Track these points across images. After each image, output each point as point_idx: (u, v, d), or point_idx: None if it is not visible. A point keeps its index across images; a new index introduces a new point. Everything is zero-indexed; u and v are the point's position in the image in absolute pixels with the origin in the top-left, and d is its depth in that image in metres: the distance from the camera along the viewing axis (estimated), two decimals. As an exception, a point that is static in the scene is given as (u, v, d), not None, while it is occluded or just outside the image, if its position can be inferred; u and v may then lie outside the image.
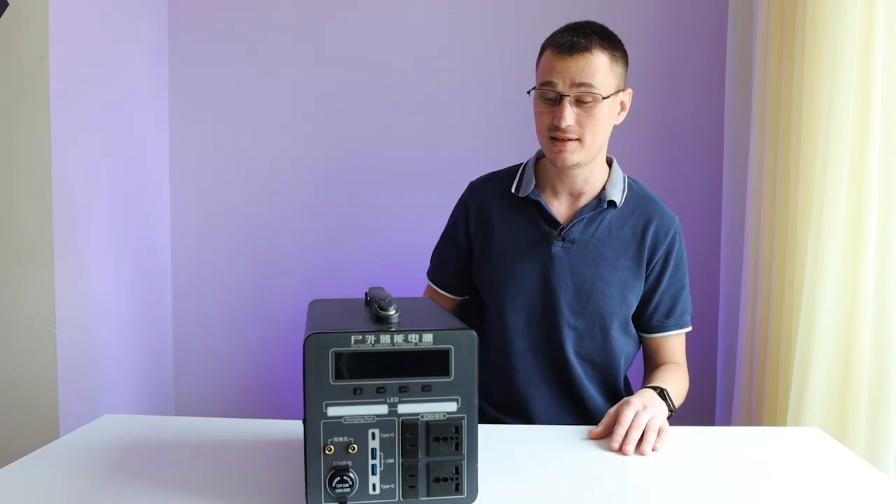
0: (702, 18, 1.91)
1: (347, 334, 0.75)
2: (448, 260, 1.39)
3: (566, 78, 1.15)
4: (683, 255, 1.30)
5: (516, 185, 1.31)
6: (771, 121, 1.53)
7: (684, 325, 1.31)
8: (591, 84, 1.15)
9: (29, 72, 1.45)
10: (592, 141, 1.19)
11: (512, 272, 1.27)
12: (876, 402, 1.31)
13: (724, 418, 1.79)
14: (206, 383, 2.08)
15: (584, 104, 1.16)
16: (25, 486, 0.86)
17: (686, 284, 1.31)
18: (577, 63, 1.15)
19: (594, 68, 1.15)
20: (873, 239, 1.31)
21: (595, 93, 1.15)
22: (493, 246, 1.30)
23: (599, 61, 1.16)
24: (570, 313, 1.25)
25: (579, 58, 1.15)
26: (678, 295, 1.29)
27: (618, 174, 1.30)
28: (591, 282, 1.24)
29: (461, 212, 1.37)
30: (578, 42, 1.15)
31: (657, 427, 1.02)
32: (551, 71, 1.17)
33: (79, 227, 1.61)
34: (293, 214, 2.03)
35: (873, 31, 1.29)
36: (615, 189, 1.27)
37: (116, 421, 1.12)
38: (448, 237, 1.40)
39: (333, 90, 1.99)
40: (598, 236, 1.25)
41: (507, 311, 1.27)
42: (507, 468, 0.91)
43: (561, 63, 1.16)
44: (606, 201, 1.25)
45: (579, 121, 1.17)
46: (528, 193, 1.28)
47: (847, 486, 0.89)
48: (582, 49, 1.15)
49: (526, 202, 1.28)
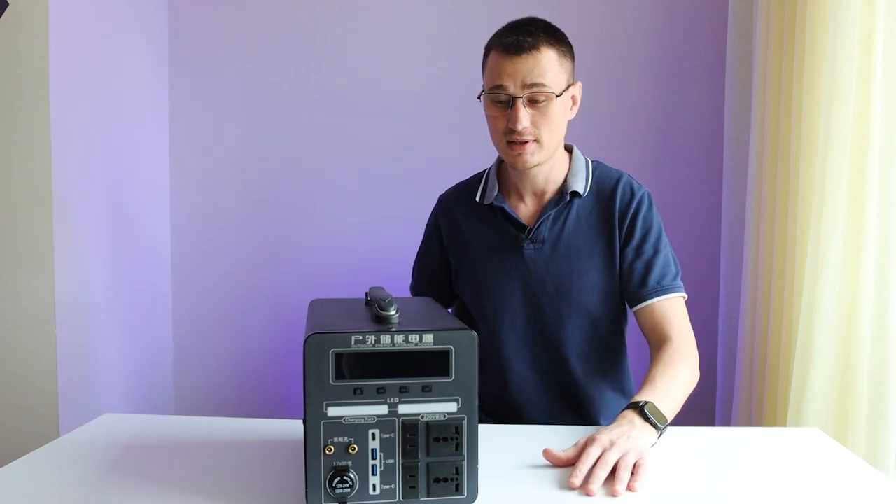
0: (702, 18, 1.91)
1: (348, 334, 0.75)
2: (427, 273, 1.39)
3: (517, 79, 1.12)
4: (653, 221, 1.22)
5: (480, 192, 1.29)
6: (771, 121, 1.53)
7: (664, 289, 1.19)
8: (542, 83, 1.11)
9: (29, 72, 1.45)
10: (550, 140, 1.16)
11: (489, 281, 1.25)
12: (876, 402, 1.31)
13: (724, 418, 1.79)
14: (206, 383, 2.08)
15: (537, 104, 1.13)
16: (25, 485, 0.86)
17: (661, 250, 1.21)
18: (526, 63, 1.11)
19: (544, 67, 1.11)
20: (873, 239, 1.31)
21: (548, 91, 1.12)
22: (468, 257, 1.29)
23: (548, 59, 1.12)
24: (553, 313, 1.23)
25: (528, 57, 1.11)
26: (651, 261, 1.20)
27: (579, 162, 1.26)
28: (570, 277, 1.22)
29: (433, 226, 1.37)
30: (525, 41, 1.11)
31: (630, 464, 0.87)
32: (500, 73, 1.13)
33: (79, 226, 1.60)
34: (293, 214, 2.03)
35: (873, 31, 1.29)
36: (577, 179, 1.24)
37: (116, 420, 1.12)
38: (424, 251, 1.40)
39: (334, 89, 1.99)
40: (568, 230, 1.22)
41: (491, 319, 1.26)
42: (508, 468, 0.91)
43: (510, 64, 1.12)
44: (569, 193, 1.22)
45: (534, 121, 1.13)
46: (492, 200, 1.26)
47: (847, 486, 0.88)
48: (529, 48, 1.11)
49: (491, 209, 1.27)
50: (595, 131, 1.82)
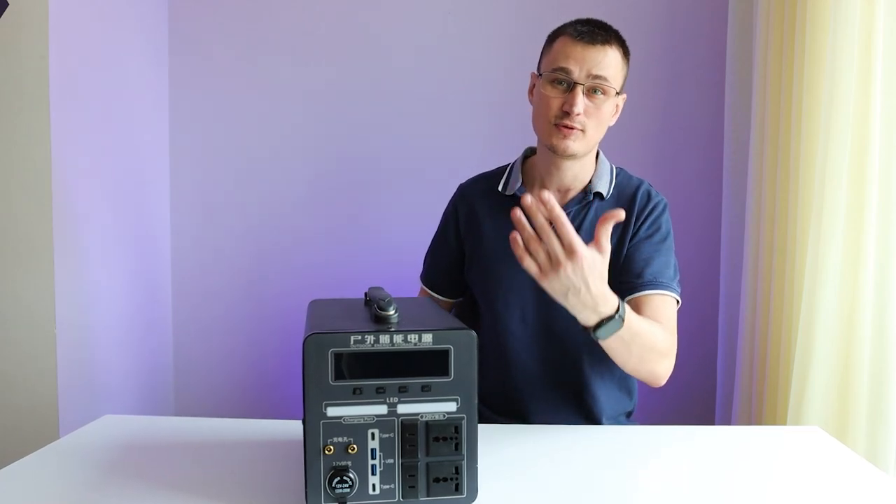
0: (702, 18, 1.91)
1: (347, 334, 0.75)
2: (440, 263, 1.38)
3: (583, 66, 1.14)
4: (662, 225, 1.22)
5: (503, 183, 1.30)
6: (771, 121, 1.53)
7: (659, 285, 1.17)
8: (605, 77, 1.15)
9: (29, 72, 1.45)
10: (594, 134, 1.18)
11: (502, 272, 1.25)
12: (876, 402, 1.31)
13: (724, 418, 1.78)
14: (206, 383, 2.08)
15: (594, 96, 1.16)
16: (25, 486, 0.86)
17: (665, 253, 1.21)
18: (596, 53, 1.14)
19: (610, 61, 1.15)
20: (873, 239, 1.31)
21: (608, 86, 1.15)
22: (483, 247, 1.29)
23: (615, 57, 1.16)
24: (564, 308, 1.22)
25: (600, 49, 1.15)
26: (652, 257, 1.19)
27: (604, 165, 1.28)
28: None
29: (451, 214, 1.37)
30: (599, 34, 1.15)
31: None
32: (568, 57, 1.15)
33: (79, 226, 1.61)
34: (293, 214, 2.03)
35: (873, 31, 1.29)
36: (601, 181, 1.25)
37: (116, 421, 1.12)
38: (439, 240, 1.40)
39: (334, 89, 1.99)
40: (585, 228, 1.23)
41: (501, 311, 1.26)
42: (507, 468, 0.91)
43: (580, 50, 1.15)
44: (592, 193, 1.24)
45: (587, 111, 1.15)
46: (515, 191, 1.27)
47: (847, 485, 0.88)
48: (602, 41, 1.15)
49: (513, 200, 1.27)
50: (595, 131, 1.82)
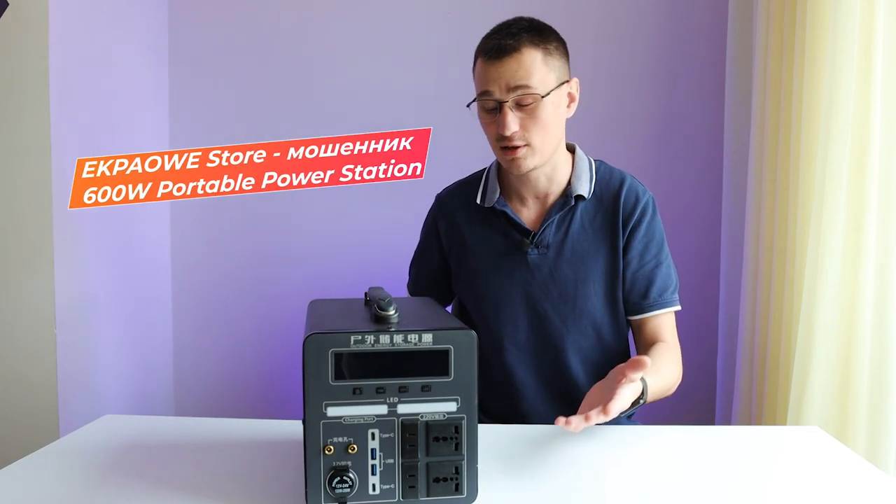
0: (702, 18, 1.91)
1: (347, 334, 0.75)
2: (425, 274, 1.38)
3: (501, 84, 1.10)
4: (656, 229, 1.23)
5: (481, 194, 1.27)
6: (771, 121, 1.53)
7: (665, 303, 1.21)
8: (527, 85, 1.09)
9: (29, 72, 1.45)
10: (542, 143, 1.14)
11: (492, 287, 1.23)
12: (876, 402, 1.31)
13: (724, 418, 1.78)
14: (206, 383, 2.08)
15: (524, 107, 1.11)
16: (25, 486, 0.86)
17: (663, 261, 1.22)
18: (508, 66, 1.09)
19: (527, 68, 1.09)
20: (873, 239, 1.31)
21: (533, 93, 1.10)
22: (469, 261, 1.27)
23: (531, 59, 1.10)
24: (558, 319, 1.21)
25: (510, 60, 1.09)
26: (654, 273, 1.21)
27: (582, 163, 1.24)
28: (574, 283, 1.20)
29: (431, 227, 1.35)
30: (506, 44, 1.10)
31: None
32: (486, 79, 1.12)
33: (79, 227, 1.60)
34: (293, 214, 2.03)
35: (873, 31, 1.29)
36: (581, 182, 1.22)
37: (116, 421, 1.12)
38: (422, 252, 1.38)
39: (333, 88, 1.99)
40: (572, 234, 1.21)
41: (493, 325, 1.24)
42: (507, 468, 0.91)
43: (493, 69, 1.10)
44: (574, 197, 1.21)
45: (524, 125, 1.11)
46: (494, 203, 1.24)
47: (847, 485, 0.88)
48: (510, 50, 1.09)
49: (493, 212, 1.24)
50: (595, 132, 1.82)
